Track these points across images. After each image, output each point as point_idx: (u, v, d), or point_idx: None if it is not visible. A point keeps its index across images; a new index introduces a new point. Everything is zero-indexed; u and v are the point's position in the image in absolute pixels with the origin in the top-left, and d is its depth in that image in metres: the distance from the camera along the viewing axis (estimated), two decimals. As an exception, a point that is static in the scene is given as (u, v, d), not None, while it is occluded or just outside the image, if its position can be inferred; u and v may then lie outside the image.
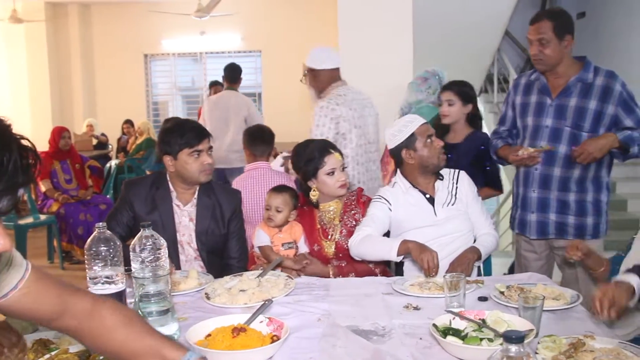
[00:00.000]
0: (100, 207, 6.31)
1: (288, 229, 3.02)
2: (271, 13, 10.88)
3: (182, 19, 10.02)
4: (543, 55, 3.07)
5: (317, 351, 1.91)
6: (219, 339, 1.87)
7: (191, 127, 2.87)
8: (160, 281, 1.98)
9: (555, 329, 2.04)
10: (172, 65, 11.79)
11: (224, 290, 2.47)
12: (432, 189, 2.99)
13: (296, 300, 2.40)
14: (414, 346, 1.95)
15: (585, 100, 3.06)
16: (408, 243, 2.65)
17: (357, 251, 2.79)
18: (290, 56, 10.24)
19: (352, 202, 3.06)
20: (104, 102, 11.43)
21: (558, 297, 2.35)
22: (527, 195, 3.25)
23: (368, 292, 2.51)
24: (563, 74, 3.12)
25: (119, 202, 2.96)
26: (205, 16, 9.48)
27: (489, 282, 2.58)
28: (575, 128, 3.08)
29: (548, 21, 3.04)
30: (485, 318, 2.03)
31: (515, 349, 1.26)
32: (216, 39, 11.21)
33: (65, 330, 1.51)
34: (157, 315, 1.97)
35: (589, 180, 3.13)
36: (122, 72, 11.34)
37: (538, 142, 3.16)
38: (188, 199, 2.93)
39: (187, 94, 12.06)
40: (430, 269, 2.52)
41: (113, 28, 11.26)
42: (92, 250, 2.09)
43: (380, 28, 4.71)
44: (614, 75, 3.08)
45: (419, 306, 2.32)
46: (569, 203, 3.14)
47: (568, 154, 3.08)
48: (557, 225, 3.18)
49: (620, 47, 7.18)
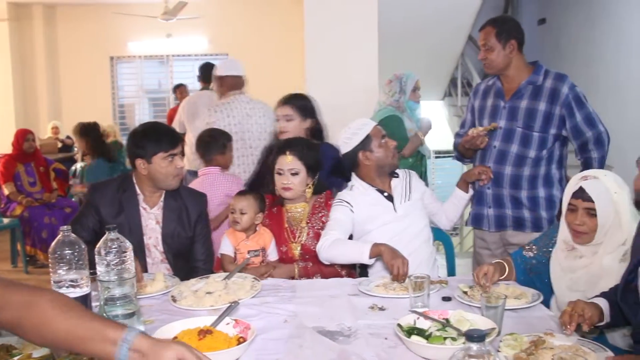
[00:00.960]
0: (65, 211, 6.21)
1: (255, 236, 3.02)
2: (237, 16, 10.84)
3: (149, 21, 9.93)
4: (488, 60, 3.22)
5: (284, 352, 1.92)
6: (185, 342, 1.85)
7: (166, 131, 2.88)
8: (126, 284, 1.96)
9: (517, 327, 2.08)
10: (139, 68, 11.66)
11: (190, 292, 2.46)
12: (389, 187, 3.05)
13: (263, 302, 2.40)
14: (379, 346, 1.96)
15: (535, 102, 3.17)
16: (380, 246, 2.65)
17: (327, 255, 2.78)
18: (257, 59, 10.22)
19: (320, 205, 3.06)
20: (69, 104, 11.24)
21: (519, 296, 2.39)
22: (483, 191, 3.33)
23: (334, 294, 2.52)
24: (515, 77, 3.24)
25: (84, 206, 2.92)
26: (171, 19, 9.41)
27: (452, 283, 2.61)
28: (526, 128, 3.18)
29: (491, 28, 3.19)
30: (448, 317, 2.04)
31: (476, 347, 1.28)
32: (183, 41, 11.13)
33: (7, 325, 1.49)
34: (122, 319, 1.94)
35: (540, 177, 3.21)
36: (88, 74, 11.17)
37: (492, 142, 3.26)
38: (155, 202, 2.91)
39: (153, 96, 11.93)
40: (400, 276, 2.54)
41: (78, 30, 11.08)
42: (57, 253, 2.05)
43: (346, 32, 4.72)
44: (562, 78, 3.17)
45: (384, 307, 2.34)
46: (522, 199, 3.23)
47: (519, 153, 3.19)
48: (514, 219, 3.26)
49: (579, 52, 7.31)
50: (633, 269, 2.07)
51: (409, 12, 6.62)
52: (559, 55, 7.73)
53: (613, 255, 2.30)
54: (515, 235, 3.27)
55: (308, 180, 3.01)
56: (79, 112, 10.69)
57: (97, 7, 10.86)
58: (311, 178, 3.02)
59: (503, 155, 3.23)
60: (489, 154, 3.27)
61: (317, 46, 4.73)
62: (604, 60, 6.52)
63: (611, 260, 2.29)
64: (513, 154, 3.21)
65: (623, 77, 5.75)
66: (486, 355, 1.28)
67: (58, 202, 6.35)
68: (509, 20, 3.28)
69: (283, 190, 2.98)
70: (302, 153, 2.99)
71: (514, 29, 3.21)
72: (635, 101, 5.66)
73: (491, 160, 3.26)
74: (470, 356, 1.27)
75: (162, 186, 2.87)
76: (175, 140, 2.85)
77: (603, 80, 6.61)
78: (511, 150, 3.21)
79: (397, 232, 2.94)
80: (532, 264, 2.65)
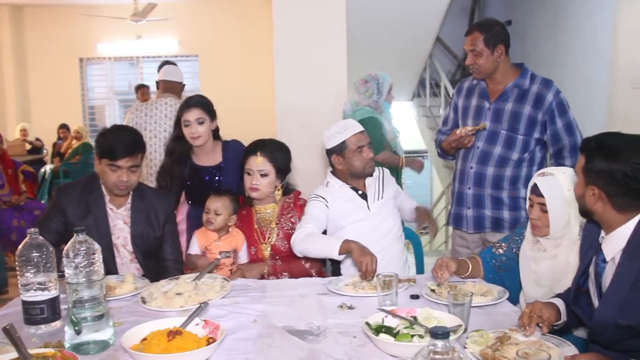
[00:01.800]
0: (34, 213, 6.11)
1: (228, 237, 3.01)
2: (207, 18, 10.77)
3: (118, 23, 9.81)
4: (477, 65, 3.20)
5: (253, 352, 1.91)
6: (154, 343, 1.84)
7: (122, 140, 2.74)
8: (95, 286, 1.94)
9: (483, 323, 2.10)
10: (109, 70, 11.51)
11: (160, 294, 2.44)
12: (364, 186, 3.06)
13: (232, 302, 2.40)
14: (348, 344, 1.97)
15: (521, 105, 3.18)
16: (350, 243, 2.66)
17: (300, 247, 2.79)
18: (227, 61, 10.19)
19: (289, 205, 3.06)
20: (39, 106, 11.05)
21: (486, 293, 2.42)
22: (463, 192, 3.34)
23: (303, 293, 2.52)
24: (501, 80, 3.23)
25: (49, 209, 2.87)
26: (141, 20, 9.31)
27: (420, 281, 2.64)
28: (510, 131, 3.19)
29: (479, 33, 3.16)
30: (416, 315, 2.06)
31: (441, 344, 1.29)
32: (153, 43, 11.02)
33: None
34: (91, 321, 1.92)
35: (522, 179, 3.23)
36: (57, 76, 10.99)
37: (476, 142, 3.26)
38: (121, 203, 2.87)
39: (124, 97, 11.79)
40: (367, 273, 2.55)
41: (47, 31, 10.90)
42: (24, 256, 2.03)
43: (315, 34, 4.72)
44: (548, 84, 3.19)
45: (353, 305, 2.34)
46: (503, 199, 3.25)
47: (502, 155, 3.20)
48: (492, 220, 3.28)
49: (544, 53, 7.41)
50: (582, 274, 2.11)
51: (378, 15, 6.65)
52: (525, 55, 7.82)
53: (576, 252, 2.34)
54: (494, 235, 3.27)
55: (277, 182, 3.01)
56: (48, 114, 10.57)
57: (65, 8, 10.69)
58: (280, 180, 3.02)
59: (486, 156, 3.24)
60: (472, 154, 3.28)
61: (286, 48, 4.72)
62: (567, 61, 6.63)
63: (575, 257, 2.33)
64: (496, 155, 3.22)
65: (585, 77, 5.86)
66: (450, 352, 1.29)
67: (27, 205, 6.24)
68: (495, 25, 3.23)
69: (251, 190, 2.98)
70: (273, 155, 2.98)
71: (502, 33, 3.19)
72: (597, 102, 5.78)
73: (474, 160, 3.27)
74: (435, 353, 1.29)
75: (111, 191, 2.82)
76: (127, 153, 2.71)
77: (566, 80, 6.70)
78: (494, 151, 3.22)
79: (369, 229, 2.97)
80: (502, 261, 2.69)
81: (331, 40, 4.72)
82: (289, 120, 4.73)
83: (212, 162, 3.42)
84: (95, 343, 1.93)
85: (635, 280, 1.85)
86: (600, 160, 1.92)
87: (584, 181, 1.98)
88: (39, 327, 2.09)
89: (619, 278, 1.91)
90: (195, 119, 3.27)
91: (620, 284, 1.89)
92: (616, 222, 1.95)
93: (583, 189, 1.99)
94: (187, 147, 3.36)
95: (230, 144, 3.48)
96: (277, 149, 3.02)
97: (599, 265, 2.04)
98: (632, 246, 1.90)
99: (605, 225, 2.00)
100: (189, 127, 3.28)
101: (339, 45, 4.71)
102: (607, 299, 1.93)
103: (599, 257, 2.04)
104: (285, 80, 4.72)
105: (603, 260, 2.02)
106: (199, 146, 3.34)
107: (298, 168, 3.16)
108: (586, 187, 1.97)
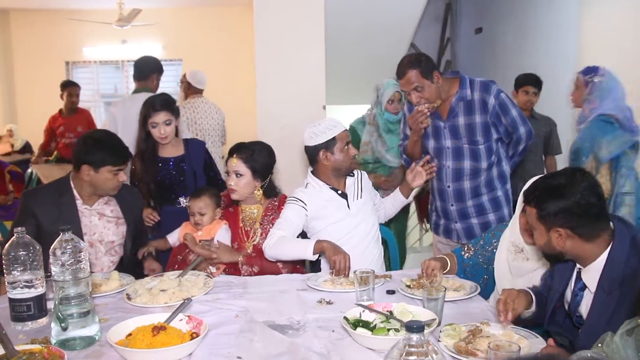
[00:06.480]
0: (21, 213, 6.03)
1: (207, 228, 3.01)
2: (190, 24, 10.72)
3: (104, 27, 9.73)
4: (424, 99, 3.14)
5: (235, 346, 1.91)
6: (139, 338, 1.84)
7: (119, 146, 2.85)
8: (81, 283, 1.93)
9: (456, 317, 2.12)
10: (94, 73, 11.40)
11: (145, 290, 2.43)
12: (344, 186, 3.04)
13: (215, 298, 2.39)
14: (326, 338, 1.97)
15: (471, 117, 3.17)
16: (323, 243, 2.67)
17: (272, 253, 2.78)
18: (209, 64, 10.10)
19: (273, 207, 3.05)
20: (25, 108, 10.91)
21: (458, 288, 2.44)
22: (447, 209, 3.33)
23: (283, 289, 2.53)
24: (446, 97, 3.20)
25: (19, 214, 2.81)
26: (126, 25, 9.23)
27: (396, 277, 2.65)
28: (471, 144, 3.19)
29: (413, 70, 3.09)
30: (392, 310, 2.07)
31: (416, 337, 1.30)
32: (138, 47, 10.92)
33: None
34: (77, 318, 1.91)
35: (496, 178, 3.25)
36: (43, 78, 10.84)
37: (445, 162, 3.24)
38: (94, 200, 2.89)
39: (109, 100, 11.67)
40: (341, 271, 2.55)
41: (33, 35, 10.76)
42: (11, 255, 2.02)
43: (294, 39, 4.70)
44: (487, 88, 3.15)
45: (332, 301, 2.35)
46: (484, 204, 3.25)
47: (472, 168, 3.19)
48: (480, 226, 3.27)
49: (513, 61, 7.46)
50: (559, 297, 2.12)
51: (354, 21, 6.66)
52: (495, 62, 7.87)
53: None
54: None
55: (256, 182, 2.99)
56: (35, 116, 10.42)
57: (51, 12, 10.56)
58: (260, 181, 3.00)
59: (458, 172, 3.23)
60: (445, 173, 3.26)
61: (267, 52, 4.72)
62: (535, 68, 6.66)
63: None
64: (467, 169, 3.21)
65: (552, 84, 5.90)
66: (425, 345, 1.30)
67: (14, 205, 6.16)
68: (421, 57, 3.16)
69: (229, 191, 2.99)
70: (248, 156, 2.96)
71: (429, 61, 3.15)
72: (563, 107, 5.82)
73: (449, 179, 3.25)
74: (410, 346, 1.29)
75: (101, 193, 2.87)
76: (126, 157, 2.87)
77: (535, 86, 6.77)
78: (465, 166, 3.21)
79: (349, 229, 2.95)
80: (468, 265, 2.70)
81: (310, 44, 4.71)
82: (269, 121, 4.72)
83: (175, 154, 3.50)
84: (82, 339, 1.92)
85: (613, 313, 1.85)
86: (552, 203, 1.92)
87: (544, 228, 1.98)
88: (26, 323, 2.08)
89: (597, 309, 1.91)
90: (163, 122, 3.35)
91: (599, 317, 1.89)
92: (590, 252, 1.95)
93: (546, 236, 1.99)
94: (154, 143, 3.45)
95: (191, 141, 3.63)
96: (256, 151, 3.00)
97: (577, 293, 2.05)
98: (606, 278, 1.90)
99: (580, 260, 2.00)
100: (157, 129, 3.36)
101: (317, 49, 4.71)
102: (587, 329, 1.93)
103: (577, 285, 2.04)
104: (266, 83, 4.72)
105: (581, 289, 2.03)
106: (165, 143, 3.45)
107: (277, 168, 3.15)
108: (549, 232, 1.97)
